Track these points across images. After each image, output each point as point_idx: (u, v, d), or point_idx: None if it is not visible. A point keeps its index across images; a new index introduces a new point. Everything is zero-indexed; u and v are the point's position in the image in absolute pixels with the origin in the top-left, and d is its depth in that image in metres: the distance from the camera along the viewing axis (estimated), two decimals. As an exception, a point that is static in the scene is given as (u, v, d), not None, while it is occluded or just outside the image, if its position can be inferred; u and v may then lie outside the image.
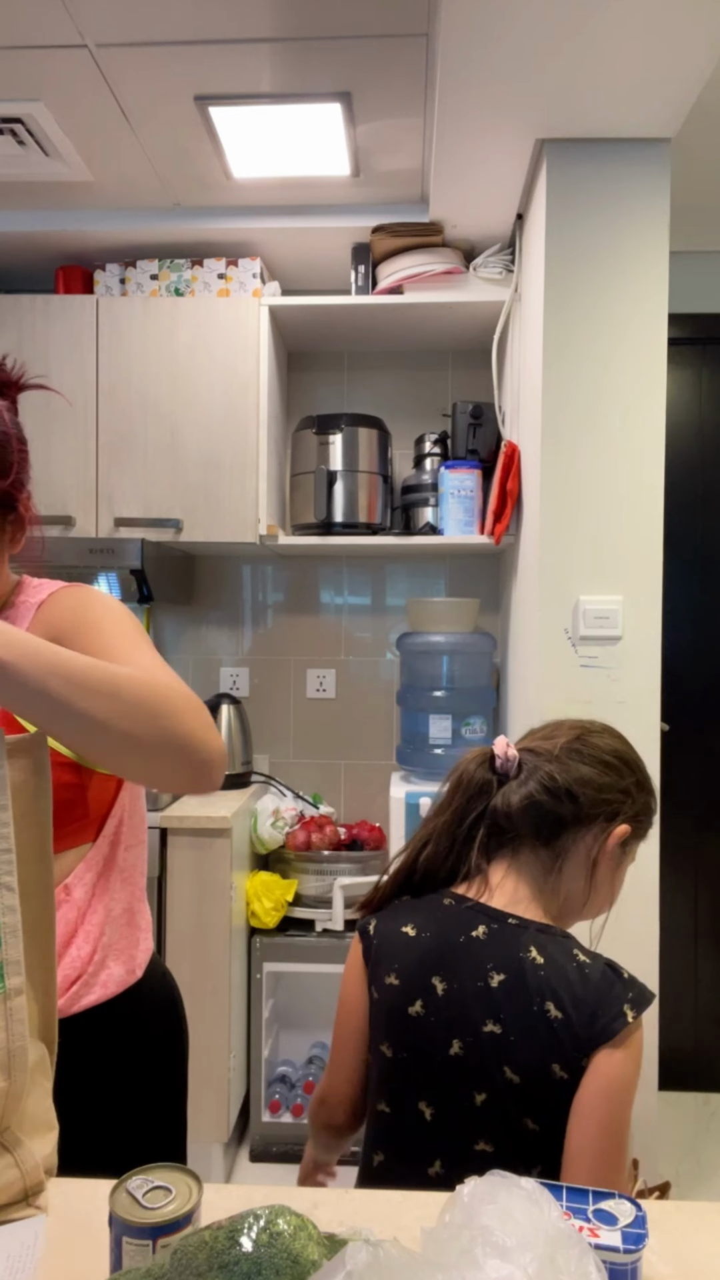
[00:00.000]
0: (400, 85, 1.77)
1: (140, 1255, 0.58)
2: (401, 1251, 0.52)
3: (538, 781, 1.09)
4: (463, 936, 1.04)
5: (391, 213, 2.24)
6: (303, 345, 2.61)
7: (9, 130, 1.91)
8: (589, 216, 1.82)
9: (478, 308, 2.30)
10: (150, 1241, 0.58)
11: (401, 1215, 0.76)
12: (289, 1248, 0.56)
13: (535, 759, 1.11)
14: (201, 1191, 0.62)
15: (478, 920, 1.05)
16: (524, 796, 1.09)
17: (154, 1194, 0.61)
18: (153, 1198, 0.60)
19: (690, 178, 2.16)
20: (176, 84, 1.77)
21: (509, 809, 1.09)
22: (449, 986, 1.02)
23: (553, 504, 1.85)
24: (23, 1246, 0.65)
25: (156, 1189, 0.61)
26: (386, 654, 2.68)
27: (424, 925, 1.08)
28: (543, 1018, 0.96)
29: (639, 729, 1.85)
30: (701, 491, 2.62)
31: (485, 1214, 0.57)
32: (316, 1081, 2.36)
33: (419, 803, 2.20)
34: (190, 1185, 0.62)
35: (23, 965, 0.76)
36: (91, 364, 2.29)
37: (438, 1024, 1.01)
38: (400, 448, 2.61)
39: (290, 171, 2.07)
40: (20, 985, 0.75)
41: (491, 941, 1.03)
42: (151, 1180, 0.62)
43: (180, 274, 2.34)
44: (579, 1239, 0.56)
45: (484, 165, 1.91)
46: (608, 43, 1.50)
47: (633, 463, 1.84)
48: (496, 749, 1.14)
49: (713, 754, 2.64)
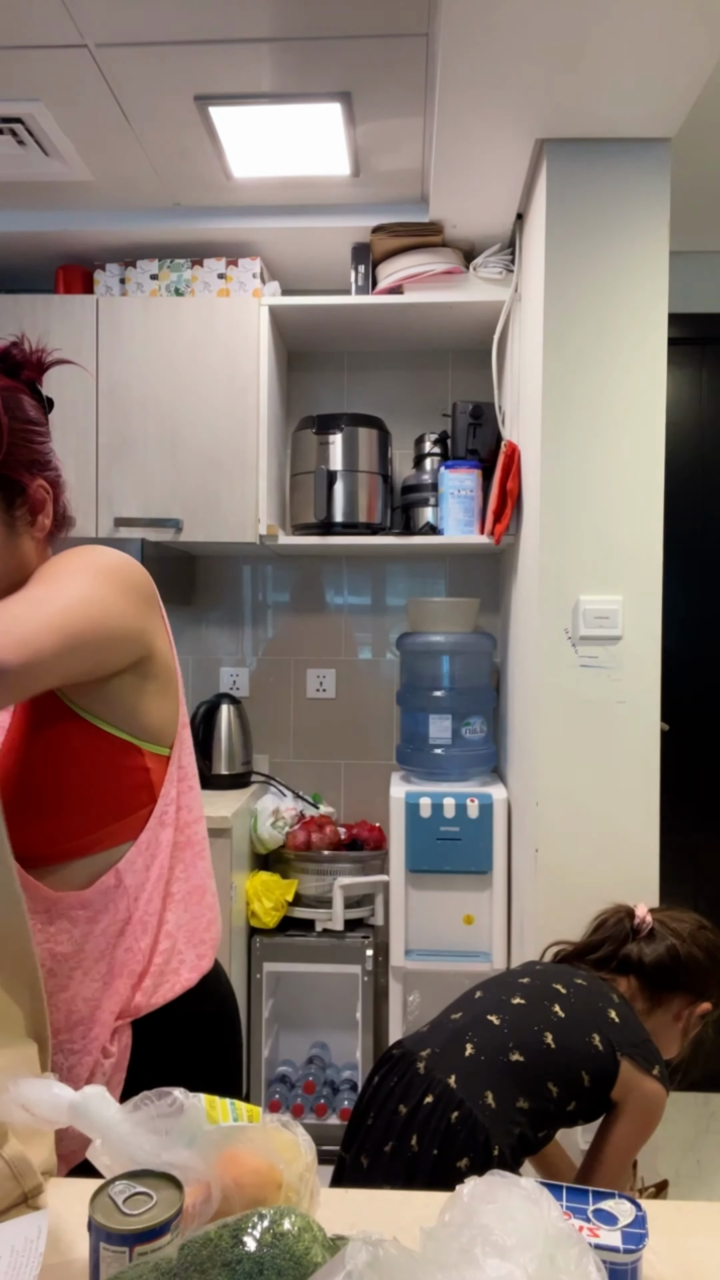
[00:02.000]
0: (400, 85, 1.77)
1: (117, 1262, 0.57)
2: (401, 1251, 0.52)
3: (667, 948, 1.46)
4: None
5: (391, 213, 2.24)
6: (303, 345, 2.61)
7: (9, 130, 1.91)
8: (589, 216, 1.82)
9: (478, 308, 2.30)
10: (127, 1249, 0.57)
11: (401, 1215, 0.76)
12: (292, 1248, 0.56)
13: (665, 930, 1.49)
14: (183, 1199, 0.61)
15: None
16: (657, 955, 1.46)
17: (136, 1200, 0.60)
18: (134, 1204, 0.60)
19: (690, 178, 2.16)
20: (176, 84, 1.77)
21: (642, 957, 1.46)
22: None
23: (553, 504, 1.85)
24: (26, 1241, 0.65)
25: (138, 1195, 0.60)
26: (386, 654, 2.68)
27: None
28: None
29: (639, 729, 1.86)
30: (701, 491, 2.63)
31: (485, 1213, 0.57)
32: (316, 1081, 2.36)
33: (419, 803, 2.21)
34: (173, 1193, 0.61)
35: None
36: (91, 364, 2.29)
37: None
38: (400, 448, 2.61)
39: (290, 171, 2.07)
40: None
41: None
42: (135, 1186, 0.61)
43: (180, 274, 2.34)
44: (579, 1239, 0.56)
45: (484, 165, 1.92)
46: (608, 43, 1.50)
47: (633, 462, 1.84)
48: (638, 912, 1.54)
49: (713, 754, 2.64)
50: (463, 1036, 1.28)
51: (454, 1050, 1.25)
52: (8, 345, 0.97)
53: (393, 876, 2.23)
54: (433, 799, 2.20)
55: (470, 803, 2.20)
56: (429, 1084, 1.21)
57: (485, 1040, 1.26)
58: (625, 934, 1.51)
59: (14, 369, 0.96)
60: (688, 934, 1.49)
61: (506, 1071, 1.22)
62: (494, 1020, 1.29)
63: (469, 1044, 1.26)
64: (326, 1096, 2.32)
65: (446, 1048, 1.26)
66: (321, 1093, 2.33)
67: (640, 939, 1.49)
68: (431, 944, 2.23)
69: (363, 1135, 1.24)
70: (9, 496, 0.93)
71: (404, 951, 2.23)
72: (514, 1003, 1.31)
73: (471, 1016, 1.32)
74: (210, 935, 1.03)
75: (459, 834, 2.20)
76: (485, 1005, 1.33)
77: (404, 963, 2.22)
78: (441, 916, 2.23)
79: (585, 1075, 1.24)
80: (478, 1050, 1.24)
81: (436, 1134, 1.16)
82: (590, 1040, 1.27)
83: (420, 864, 2.21)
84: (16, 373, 0.96)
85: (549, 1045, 1.24)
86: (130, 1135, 0.64)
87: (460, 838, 2.20)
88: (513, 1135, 1.17)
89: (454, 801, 2.20)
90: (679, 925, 1.51)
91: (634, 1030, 1.33)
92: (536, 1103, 1.21)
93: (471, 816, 2.19)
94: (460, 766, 2.33)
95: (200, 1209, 0.64)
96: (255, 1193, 0.65)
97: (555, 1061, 1.24)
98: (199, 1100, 0.66)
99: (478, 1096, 1.18)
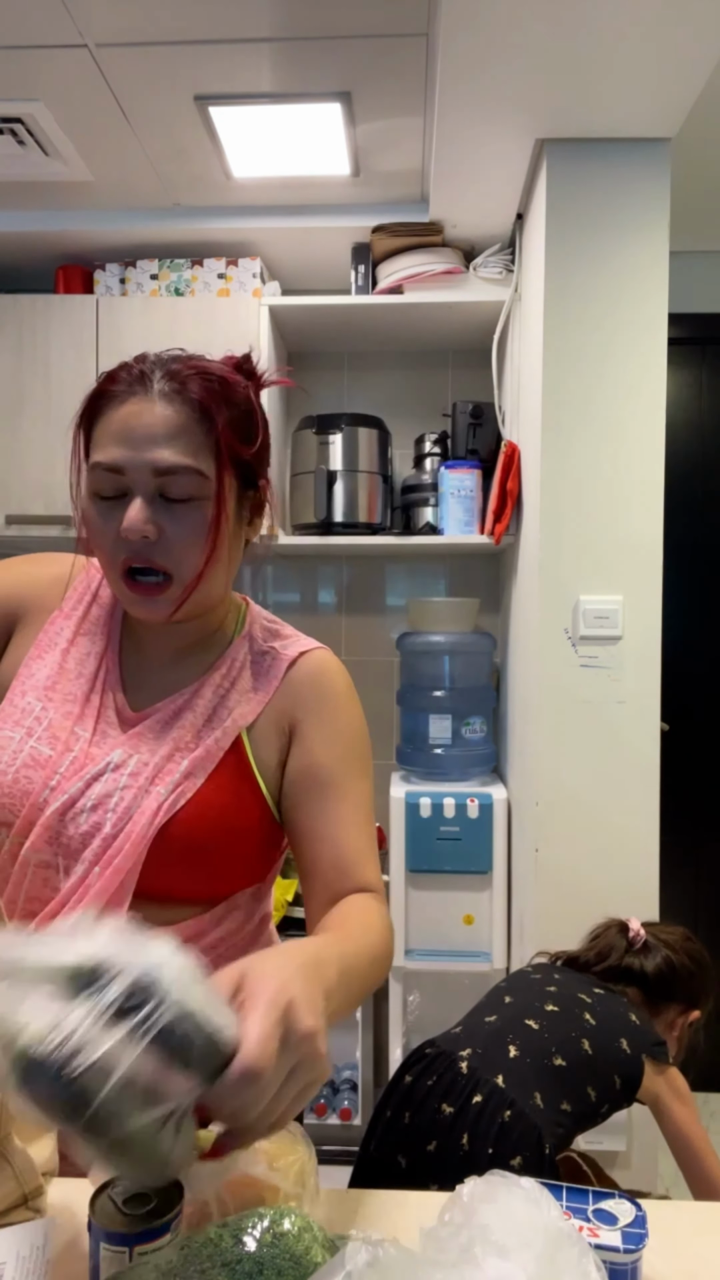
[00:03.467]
0: (400, 85, 1.77)
1: (117, 1262, 0.57)
2: (401, 1251, 0.52)
3: (664, 959, 1.51)
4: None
5: (391, 213, 2.24)
6: (303, 345, 2.61)
7: (9, 130, 1.90)
8: (589, 216, 1.82)
9: (478, 308, 2.30)
10: (127, 1249, 0.57)
11: (401, 1215, 0.76)
12: (292, 1248, 0.56)
13: (657, 942, 1.54)
14: (183, 1200, 0.61)
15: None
16: (655, 966, 1.51)
17: (136, 1200, 0.60)
18: (134, 1204, 0.60)
19: (690, 178, 2.16)
20: (176, 84, 1.77)
21: (643, 969, 1.51)
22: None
23: (553, 504, 1.85)
24: (33, 1249, 0.65)
25: (138, 1196, 0.61)
26: (387, 654, 2.68)
27: None
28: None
29: (639, 729, 1.86)
30: (701, 491, 2.63)
31: (484, 1213, 0.57)
32: (316, 1081, 2.36)
33: (419, 803, 2.20)
34: (173, 1193, 0.61)
35: None
36: (91, 364, 2.29)
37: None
38: (400, 448, 2.61)
39: (290, 171, 2.07)
40: None
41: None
42: (134, 1187, 0.61)
43: (180, 274, 2.34)
44: (579, 1238, 0.56)
45: (484, 165, 1.91)
46: (608, 43, 1.50)
47: (633, 462, 1.84)
48: (632, 925, 1.57)
49: (713, 754, 2.64)
50: (504, 1039, 1.29)
51: (497, 1051, 1.26)
52: (242, 358, 0.94)
53: (393, 876, 2.23)
54: (433, 799, 2.20)
55: (470, 803, 2.20)
56: (475, 1083, 1.22)
57: (527, 1043, 1.27)
58: (625, 946, 1.54)
59: (245, 378, 0.94)
60: (678, 945, 1.55)
61: (550, 1075, 1.24)
62: (533, 1025, 1.31)
63: (512, 1046, 1.27)
64: (326, 1096, 2.32)
65: (489, 1049, 1.27)
66: (321, 1092, 2.33)
67: (636, 951, 1.53)
68: (431, 944, 2.23)
69: (398, 1134, 1.24)
70: (247, 489, 0.90)
71: (404, 951, 2.23)
72: (548, 1009, 1.34)
73: (508, 1019, 1.33)
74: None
75: (459, 834, 2.20)
76: (520, 1009, 1.35)
77: (404, 962, 2.22)
78: (441, 916, 2.23)
79: (617, 1079, 1.29)
80: (522, 1052, 1.26)
81: (489, 1133, 1.17)
82: (620, 1045, 1.31)
83: (420, 864, 2.21)
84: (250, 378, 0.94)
85: (587, 1051, 1.28)
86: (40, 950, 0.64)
87: (460, 838, 2.20)
88: (557, 1135, 1.20)
89: (454, 801, 2.20)
90: (669, 937, 1.56)
91: (651, 1033, 1.38)
92: (578, 1106, 1.24)
93: (471, 816, 2.19)
94: (460, 766, 2.33)
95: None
96: (249, 1197, 0.65)
97: (594, 1066, 1.28)
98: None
99: (528, 1097, 1.20)
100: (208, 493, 0.85)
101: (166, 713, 0.91)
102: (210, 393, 0.84)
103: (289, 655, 0.97)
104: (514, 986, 1.45)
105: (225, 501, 0.85)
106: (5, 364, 2.29)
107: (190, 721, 0.90)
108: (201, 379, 0.85)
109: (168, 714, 0.91)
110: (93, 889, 0.85)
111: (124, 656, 0.96)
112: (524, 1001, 1.37)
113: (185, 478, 0.83)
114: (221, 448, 0.84)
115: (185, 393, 0.84)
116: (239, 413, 0.87)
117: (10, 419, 2.28)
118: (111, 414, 0.84)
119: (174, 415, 0.83)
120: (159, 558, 0.84)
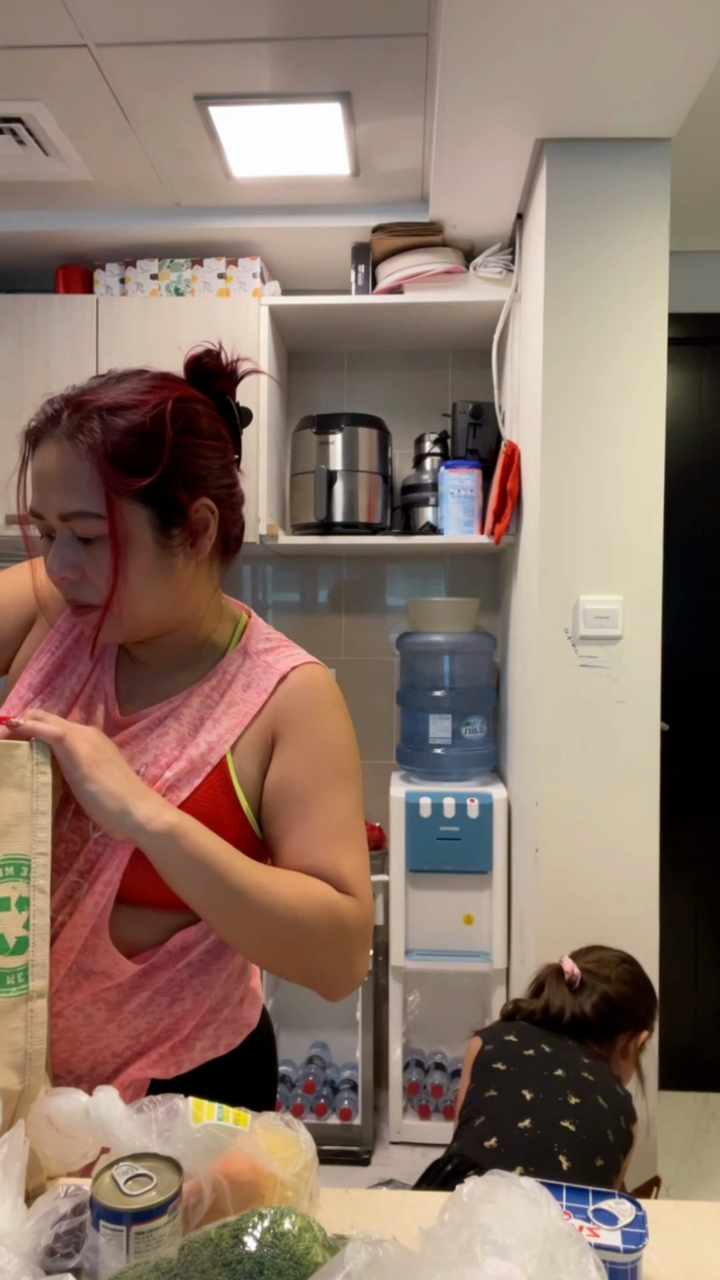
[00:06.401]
0: (400, 85, 1.77)
1: (115, 1240, 0.59)
2: (401, 1251, 0.52)
3: (600, 996, 1.53)
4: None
5: (391, 212, 2.24)
6: (303, 345, 2.61)
7: (9, 130, 1.91)
8: (589, 216, 1.82)
9: (478, 307, 2.30)
10: (124, 1228, 0.59)
11: (402, 1215, 0.76)
12: (292, 1248, 0.56)
13: (593, 978, 1.56)
14: (183, 1182, 0.63)
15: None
16: (594, 1006, 1.52)
17: (137, 1181, 0.62)
18: (136, 1185, 0.61)
19: (690, 178, 2.15)
20: (176, 84, 1.77)
21: (584, 1011, 1.51)
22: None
23: (553, 504, 1.85)
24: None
25: (139, 1176, 0.62)
26: (387, 654, 2.68)
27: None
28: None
29: (639, 729, 1.86)
30: (701, 491, 2.63)
31: (484, 1213, 0.57)
32: (316, 1081, 2.36)
33: (419, 802, 2.20)
34: (173, 1176, 0.63)
35: (47, 968, 0.76)
36: (91, 364, 2.29)
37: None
38: (400, 448, 2.61)
39: (290, 171, 2.07)
40: (43, 988, 0.75)
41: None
42: (137, 1167, 0.63)
43: (180, 274, 2.34)
44: (578, 1238, 0.56)
45: (484, 165, 1.91)
46: (608, 42, 1.50)
47: (633, 462, 1.84)
48: (565, 966, 1.58)
49: (713, 754, 2.64)
50: (551, 1149, 1.27)
51: (550, 1167, 1.25)
52: (200, 353, 0.92)
53: (392, 876, 2.23)
54: (433, 799, 2.20)
55: (470, 802, 2.20)
56: None
57: (573, 1151, 1.28)
58: (567, 990, 1.55)
59: (205, 378, 0.92)
60: (614, 976, 1.58)
61: (593, 1179, 1.26)
62: (570, 1127, 1.30)
63: (563, 1158, 1.26)
64: (326, 1096, 2.32)
65: (541, 1165, 1.25)
66: (321, 1092, 2.33)
67: (575, 991, 1.55)
68: (431, 944, 2.24)
69: None
70: (164, 515, 0.86)
71: (404, 951, 2.23)
72: (573, 1103, 1.34)
73: (546, 1123, 1.31)
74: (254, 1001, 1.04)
75: (459, 834, 2.20)
76: (551, 1108, 1.33)
77: (404, 962, 2.23)
78: (441, 916, 2.23)
79: (622, 1155, 1.34)
80: (572, 1164, 1.26)
81: None
82: (620, 1123, 1.35)
83: (420, 864, 2.21)
84: (208, 383, 0.92)
85: (611, 1141, 1.31)
86: (134, 1134, 0.66)
87: (460, 837, 2.20)
88: None
89: (454, 801, 2.20)
90: (603, 970, 1.59)
91: (627, 1097, 1.41)
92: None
93: (471, 816, 2.19)
94: (460, 766, 2.33)
95: (193, 1211, 0.65)
96: (248, 1190, 0.66)
97: (616, 1154, 1.32)
98: (187, 1104, 0.67)
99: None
100: (107, 530, 0.84)
101: (152, 719, 0.91)
102: (86, 430, 0.82)
103: (280, 669, 0.97)
104: (526, 1074, 1.40)
105: (123, 535, 0.84)
106: (5, 364, 2.29)
107: (175, 730, 0.91)
108: (85, 415, 0.83)
109: (153, 720, 0.91)
110: (77, 898, 0.87)
111: (120, 663, 0.97)
112: (548, 1097, 1.35)
113: (83, 520, 0.83)
114: (104, 486, 0.82)
115: (75, 434, 0.83)
116: (130, 442, 0.83)
117: (10, 419, 2.28)
118: (33, 458, 0.86)
119: (66, 458, 0.83)
120: (83, 595, 0.87)
